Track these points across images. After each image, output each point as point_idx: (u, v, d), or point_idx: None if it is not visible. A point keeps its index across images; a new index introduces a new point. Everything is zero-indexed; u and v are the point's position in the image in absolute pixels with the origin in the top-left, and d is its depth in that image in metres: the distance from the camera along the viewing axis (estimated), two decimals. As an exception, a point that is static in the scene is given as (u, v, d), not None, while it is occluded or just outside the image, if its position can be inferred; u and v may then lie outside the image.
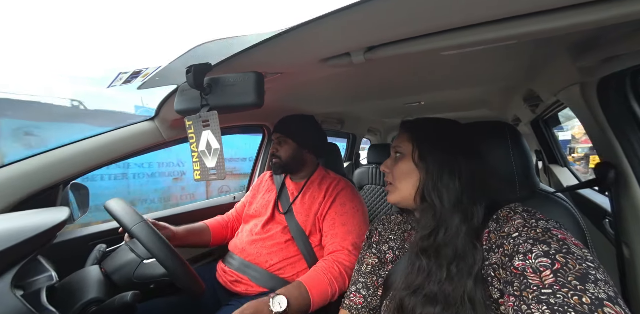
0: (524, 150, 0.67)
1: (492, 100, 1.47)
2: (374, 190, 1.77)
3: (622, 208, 0.62)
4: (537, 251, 0.37)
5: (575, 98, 0.70)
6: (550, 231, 0.39)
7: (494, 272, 0.42)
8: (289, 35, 0.40)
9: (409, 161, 0.53)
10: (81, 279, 0.59)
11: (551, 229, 0.40)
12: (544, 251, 0.37)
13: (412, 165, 0.53)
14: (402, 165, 0.54)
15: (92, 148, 0.79)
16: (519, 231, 0.41)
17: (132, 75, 0.45)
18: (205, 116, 0.47)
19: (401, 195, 0.54)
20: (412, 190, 0.52)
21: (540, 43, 0.62)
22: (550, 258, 0.36)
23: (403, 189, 0.54)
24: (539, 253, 0.37)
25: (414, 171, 0.52)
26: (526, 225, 0.42)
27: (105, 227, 0.90)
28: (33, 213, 0.55)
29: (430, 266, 0.47)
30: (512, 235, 0.41)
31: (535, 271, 0.36)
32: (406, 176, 0.53)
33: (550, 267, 0.35)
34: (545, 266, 0.36)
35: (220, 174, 0.46)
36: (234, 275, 0.87)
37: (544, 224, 0.41)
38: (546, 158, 1.69)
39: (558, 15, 0.34)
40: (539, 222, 0.41)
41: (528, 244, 0.39)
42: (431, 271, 0.46)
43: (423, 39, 0.41)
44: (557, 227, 0.41)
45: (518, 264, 0.38)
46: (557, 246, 0.37)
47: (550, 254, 0.36)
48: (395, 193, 0.55)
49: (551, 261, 0.36)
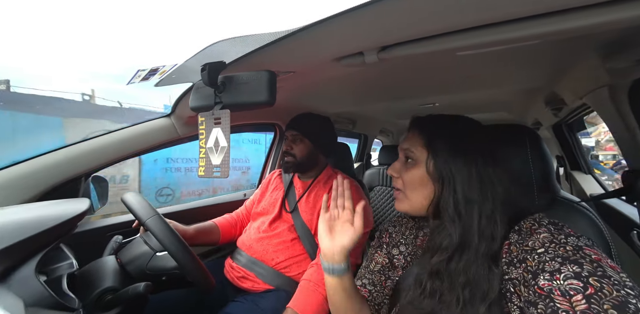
0: (544, 156, 0.64)
1: (512, 103, 1.41)
2: (384, 192, 1.75)
3: (652, 220, 0.58)
4: (566, 271, 0.33)
5: (604, 101, 0.66)
6: (582, 250, 0.35)
7: (514, 288, 0.39)
8: (302, 34, 0.40)
9: (422, 170, 0.47)
10: (99, 268, 0.62)
11: (583, 248, 0.36)
12: (575, 272, 0.33)
13: (426, 174, 0.47)
14: (414, 173, 0.48)
15: (112, 143, 0.83)
16: (545, 247, 0.37)
17: (150, 73, 0.46)
18: (217, 114, 0.48)
19: (412, 205, 0.49)
20: (425, 201, 0.48)
21: (565, 43, 0.58)
22: (582, 281, 0.32)
23: (414, 200, 0.49)
24: (569, 274, 0.33)
25: (428, 183, 0.47)
26: (554, 240, 0.38)
27: (122, 219, 0.94)
28: (56, 203, 0.59)
29: (440, 289, 0.43)
30: (538, 250, 0.38)
31: (564, 295, 0.32)
32: (418, 186, 0.48)
33: (582, 291, 0.31)
34: (576, 290, 0.32)
35: (224, 172, 0.46)
36: (241, 271, 0.88)
37: (574, 241, 0.37)
38: (568, 164, 1.61)
39: (584, 13, 0.32)
40: (569, 239, 0.37)
41: (556, 263, 0.35)
42: (441, 294, 0.43)
43: (438, 38, 0.40)
44: (589, 245, 0.37)
45: (544, 284, 0.34)
46: (591, 268, 0.33)
47: (582, 276, 0.32)
48: (405, 202, 0.50)
49: (583, 285, 0.32)
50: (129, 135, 0.86)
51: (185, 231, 0.86)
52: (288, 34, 0.40)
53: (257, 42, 0.44)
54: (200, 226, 0.94)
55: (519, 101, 1.33)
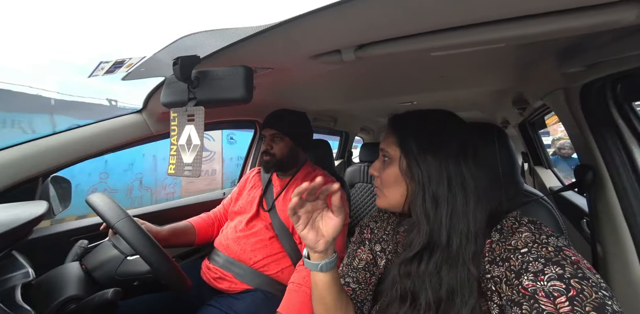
0: (510, 152, 0.69)
1: (483, 102, 1.50)
2: (365, 189, 1.79)
3: (598, 209, 0.65)
4: (550, 273, 0.35)
5: (559, 103, 0.72)
6: (563, 252, 0.37)
7: (495, 286, 0.39)
8: (279, 29, 0.39)
9: (395, 168, 0.48)
10: (60, 276, 0.57)
11: (563, 249, 0.38)
12: (558, 274, 0.34)
13: (399, 173, 0.48)
14: (389, 171, 0.49)
15: (76, 140, 0.77)
16: (529, 247, 0.39)
17: (115, 65, 0.43)
18: (191, 110, 0.46)
19: (389, 202, 0.50)
20: (401, 199, 0.48)
21: (528, 48, 0.63)
22: (565, 283, 0.34)
23: (391, 197, 0.50)
24: (553, 276, 0.34)
25: (402, 180, 0.48)
26: (536, 240, 0.39)
27: (87, 222, 0.88)
28: (8, 207, 0.53)
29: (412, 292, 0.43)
30: (521, 250, 0.39)
31: (548, 296, 0.33)
32: (393, 184, 0.49)
33: (565, 293, 0.33)
34: (559, 292, 0.33)
35: (196, 171, 0.45)
36: (218, 272, 0.86)
37: (554, 241, 0.39)
38: (532, 160, 1.74)
39: (543, 20, 0.35)
40: (550, 239, 0.39)
41: (539, 263, 0.36)
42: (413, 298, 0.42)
43: (413, 38, 0.41)
44: (567, 246, 0.39)
45: (528, 284, 0.35)
46: (572, 270, 0.34)
47: (564, 278, 0.34)
48: (383, 199, 0.51)
49: (566, 287, 0.33)
50: (95, 132, 0.80)
51: (158, 232, 0.83)
52: (265, 29, 0.39)
53: (233, 36, 0.43)
54: (174, 226, 0.90)
55: (490, 101, 1.42)
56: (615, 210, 0.60)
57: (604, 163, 0.62)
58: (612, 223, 0.60)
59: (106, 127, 0.81)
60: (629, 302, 0.56)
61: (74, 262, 0.64)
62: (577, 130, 0.68)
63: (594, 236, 0.67)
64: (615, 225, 0.60)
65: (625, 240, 0.58)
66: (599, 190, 0.64)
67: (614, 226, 0.60)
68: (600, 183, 0.63)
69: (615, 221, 0.60)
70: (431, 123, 0.50)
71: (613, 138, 0.62)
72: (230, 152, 4.44)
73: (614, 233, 0.60)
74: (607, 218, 0.62)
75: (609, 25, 0.34)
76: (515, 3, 0.32)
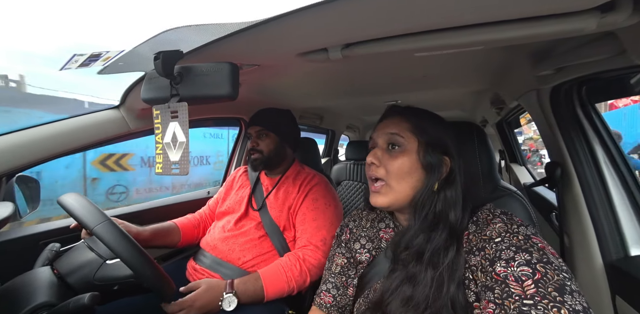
0: (488, 150, 0.72)
1: (465, 102, 1.56)
2: (351, 186, 1.81)
3: (565, 202, 0.70)
4: (519, 259, 0.38)
5: (532, 103, 0.77)
6: (531, 239, 0.40)
7: (472, 274, 0.42)
8: (266, 26, 0.39)
9: (411, 158, 0.46)
10: (28, 283, 0.54)
11: (531, 237, 0.41)
12: (526, 260, 0.38)
13: (417, 163, 0.46)
14: (402, 161, 0.46)
15: (45, 137, 0.72)
16: (502, 236, 0.42)
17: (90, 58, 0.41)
18: (174, 107, 0.45)
19: (397, 196, 0.47)
20: (411, 191, 0.47)
21: (505, 51, 0.67)
22: (532, 268, 0.37)
23: (400, 190, 0.46)
24: (522, 262, 0.38)
25: (417, 171, 0.46)
26: (508, 230, 0.42)
27: (58, 225, 0.83)
28: None
29: (413, 272, 0.45)
30: (495, 239, 0.42)
31: (517, 280, 0.36)
32: (406, 176, 0.46)
33: (531, 277, 0.36)
34: (526, 276, 0.36)
35: (184, 169, 0.44)
36: (205, 273, 0.84)
37: (524, 230, 0.42)
38: (508, 157, 1.84)
39: (517, 26, 0.37)
40: (520, 228, 0.42)
41: (511, 251, 0.39)
42: (413, 277, 0.45)
43: (398, 39, 0.42)
44: (534, 234, 0.42)
45: (500, 270, 0.38)
46: (538, 256, 0.38)
47: (531, 263, 0.37)
48: (390, 194, 0.47)
49: (532, 271, 0.36)
50: (67, 128, 0.75)
51: (140, 232, 0.80)
52: (252, 25, 0.39)
53: (219, 32, 0.42)
54: (157, 226, 0.87)
55: (470, 100, 1.48)
56: (580, 204, 0.65)
57: (571, 160, 0.67)
58: (578, 215, 0.65)
59: (80, 123, 0.77)
60: (592, 285, 0.62)
61: (45, 267, 0.60)
62: (548, 129, 0.73)
63: (562, 228, 0.72)
64: (580, 218, 0.65)
65: (588, 231, 0.63)
66: (566, 185, 0.69)
67: (579, 218, 0.65)
68: (567, 178, 0.68)
69: (580, 214, 0.65)
70: (434, 118, 0.52)
71: (578, 137, 0.67)
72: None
73: (578, 225, 0.65)
74: (574, 211, 0.67)
75: (573, 33, 0.37)
76: (492, 9, 0.34)
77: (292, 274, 0.76)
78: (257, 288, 0.73)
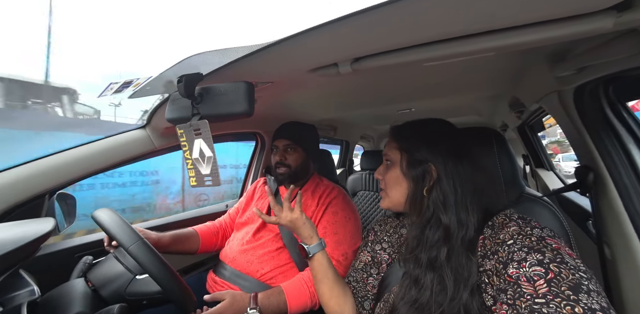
0: (509, 155, 0.70)
1: (481, 107, 1.52)
2: (367, 197, 1.78)
3: (602, 209, 0.65)
4: (531, 259, 0.37)
5: (554, 105, 0.74)
6: (544, 240, 0.40)
7: (488, 279, 0.42)
8: (277, 46, 0.41)
9: (397, 170, 0.54)
10: (65, 294, 0.57)
11: (546, 238, 0.40)
12: (538, 260, 0.37)
13: (400, 173, 0.53)
14: (392, 173, 0.55)
15: (81, 157, 0.78)
16: (514, 238, 0.41)
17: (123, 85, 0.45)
18: (196, 125, 0.48)
19: (392, 201, 0.56)
20: (402, 198, 0.54)
21: (520, 54, 0.65)
22: (544, 268, 0.36)
23: (393, 197, 0.55)
24: (533, 262, 0.37)
25: (403, 180, 0.53)
26: (521, 233, 0.42)
27: (91, 239, 0.88)
28: (16, 224, 0.54)
29: (425, 278, 0.46)
30: (507, 242, 0.42)
31: (529, 280, 0.36)
32: (395, 185, 0.55)
33: (544, 276, 0.35)
34: (539, 275, 0.36)
35: (216, 180, 0.47)
36: (225, 285, 0.85)
37: (538, 232, 0.41)
38: (533, 162, 1.74)
39: (530, 30, 0.37)
40: (534, 230, 0.42)
41: (523, 252, 0.39)
42: (425, 283, 0.46)
43: (406, 50, 0.43)
44: (551, 236, 0.41)
45: (512, 272, 0.38)
46: (551, 256, 0.37)
47: (544, 263, 0.36)
48: (386, 199, 0.57)
49: (545, 271, 0.36)
50: (100, 148, 0.81)
51: (160, 238, 0.82)
52: (264, 46, 0.41)
53: (234, 54, 0.45)
54: (177, 233, 0.90)
55: (487, 105, 1.44)
56: (619, 210, 0.60)
57: (603, 163, 0.62)
58: (617, 223, 0.60)
59: (111, 143, 0.83)
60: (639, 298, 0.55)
61: (79, 279, 0.64)
62: (574, 131, 0.69)
63: (600, 237, 0.66)
64: (620, 226, 0.59)
65: (632, 240, 0.57)
66: (600, 191, 0.64)
67: (620, 226, 0.59)
68: (601, 183, 0.63)
69: (620, 221, 0.59)
70: (426, 130, 0.56)
71: (610, 138, 0.62)
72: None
73: (619, 234, 0.60)
74: (612, 218, 0.62)
75: (590, 33, 0.36)
76: (502, 17, 0.34)
77: (314, 289, 0.75)
78: (280, 302, 0.72)
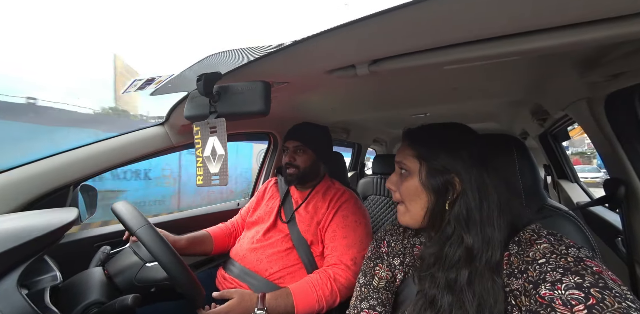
0: (531, 165, 0.66)
1: (499, 114, 1.46)
2: (378, 201, 1.75)
3: (634, 225, 0.60)
4: (568, 282, 0.34)
5: (583, 113, 0.70)
6: (583, 262, 0.36)
7: (515, 300, 0.39)
8: (296, 47, 0.42)
9: (414, 181, 0.48)
10: (84, 281, 0.60)
11: (584, 259, 0.37)
12: (577, 283, 0.33)
13: (420, 185, 0.47)
14: (409, 184, 0.49)
15: (103, 151, 0.82)
16: (547, 257, 0.38)
17: (146, 82, 0.47)
18: (213, 123, 0.49)
19: (413, 217, 0.49)
20: (422, 211, 0.48)
21: (546, 58, 0.62)
22: (584, 292, 0.32)
23: (414, 210, 0.49)
24: (571, 285, 0.34)
25: (422, 192, 0.47)
26: (555, 251, 0.38)
27: (110, 229, 0.92)
28: (42, 212, 0.57)
29: (442, 301, 0.42)
30: (539, 261, 0.38)
31: (566, 304, 0.32)
32: (414, 197, 0.48)
33: (584, 301, 0.32)
34: (577, 300, 0.32)
35: (223, 180, 0.47)
36: (234, 282, 0.86)
37: (575, 252, 0.38)
38: (555, 173, 1.65)
39: (559, 34, 0.35)
40: (570, 250, 0.38)
41: (557, 273, 0.35)
42: (442, 307, 0.42)
43: (426, 53, 0.42)
44: (590, 257, 0.37)
45: (545, 293, 0.35)
46: (592, 280, 0.33)
47: (584, 287, 0.33)
48: (406, 215, 0.50)
49: (585, 295, 0.32)
50: (120, 144, 0.85)
51: (177, 241, 0.84)
52: (282, 46, 0.42)
53: (252, 54, 0.45)
54: (192, 235, 0.92)
55: (506, 112, 1.39)
56: (654, 228, 0.55)
57: (637, 175, 0.58)
58: (651, 241, 0.56)
59: (131, 138, 0.87)
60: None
61: (98, 267, 0.66)
62: (605, 141, 0.65)
63: (631, 256, 0.61)
64: (654, 244, 0.55)
65: (668, 261, 0.53)
66: (633, 205, 0.60)
67: (654, 245, 0.55)
68: (634, 197, 0.59)
69: (654, 239, 0.55)
70: (446, 135, 0.50)
71: (645, 150, 0.58)
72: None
73: (654, 253, 0.55)
74: (645, 236, 0.57)
75: (629, 36, 0.34)
76: (529, 18, 0.32)
77: (322, 293, 0.75)
78: (287, 304, 0.72)
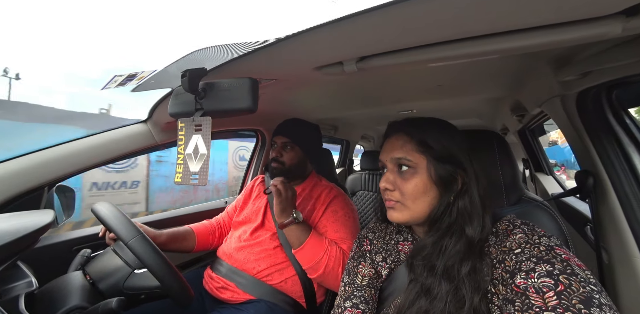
0: (511, 159, 0.70)
1: (482, 110, 1.52)
2: (366, 196, 1.78)
3: (601, 214, 0.65)
4: (540, 270, 0.36)
5: (557, 110, 0.74)
6: (553, 250, 0.39)
7: (494, 288, 0.41)
8: (284, 43, 0.41)
9: (424, 177, 0.46)
10: (63, 286, 0.57)
11: (554, 247, 0.39)
12: (548, 271, 0.36)
13: (430, 182, 0.46)
14: (416, 182, 0.46)
15: (81, 150, 0.78)
16: (522, 247, 0.40)
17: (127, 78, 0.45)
18: (198, 121, 0.48)
19: (412, 214, 0.47)
20: (427, 208, 0.47)
21: (524, 57, 0.65)
22: (554, 279, 0.35)
23: (417, 209, 0.47)
24: (542, 273, 0.36)
25: (432, 189, 0.46)
26: (529, 241, 0.41)
27: (90, 232, 0.88)
28: (15, 215, 0.54)
29: (439, 288, 0.43)
30: (515, 250, 0.40)
31: (538, 292, 0.35)
32: (422, 196, 0.46)
33: (553, 288, 0.34)
34: (548, 287, 0.35)
35: (202, 180, 0.45)
36: (221, 282, 0.85)
37: (546, 241, 0.40)
38: (533, 166, 1.74)
39: (535, 34, 0.37)
40: (542, 239, 0.41)
41: (531, 262, 0.38)
42: (428, 290, 0.44)
43: (411, 51, 0.43)
44: (559, 245, 0.40)
45: (520, 282, 0.37)
46: (561, 267, 0.36)
47: (553, 274, 0.35)
48: (405, 212, 0.47)
49: (554, 282, 0.35)
50: (99, 142, 0.81)
51: (157, 236, 0.82)
52: (269, 43, 0.41)
53: (239, 50, 0.45)
54: (174, 231, 0.89)
55: (488, 108, 1.44)
56: (618, 216, 0.60)
57: (604, 168, 0.62)
58: (616, 229, 0.60)
59: (112, 136, 0.83)
60: (636, 305, 0.56)
61: (77, 272, 0.64)
62: (576, 136, 0.69)
63: (598, 243, 0.66)
64: (619, 231, 0.60)
65: (630, 246, 0.58)
66: (600, 196, 0.64)
67: (618, 232, 0.60)
68: (601, 188, 0.63)
69: (618, 227, 0.60)
70: (444, 129, 0.50)
71: (611, 144, 0.62)
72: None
73: (618, 240, 0.60)
74: (611, 224, 0.62)
75: (597, 38, 0.36)
76: (507, 19, 0.34)
77: (331, 252, 0.77)
78: (301, 235, 0.78)
